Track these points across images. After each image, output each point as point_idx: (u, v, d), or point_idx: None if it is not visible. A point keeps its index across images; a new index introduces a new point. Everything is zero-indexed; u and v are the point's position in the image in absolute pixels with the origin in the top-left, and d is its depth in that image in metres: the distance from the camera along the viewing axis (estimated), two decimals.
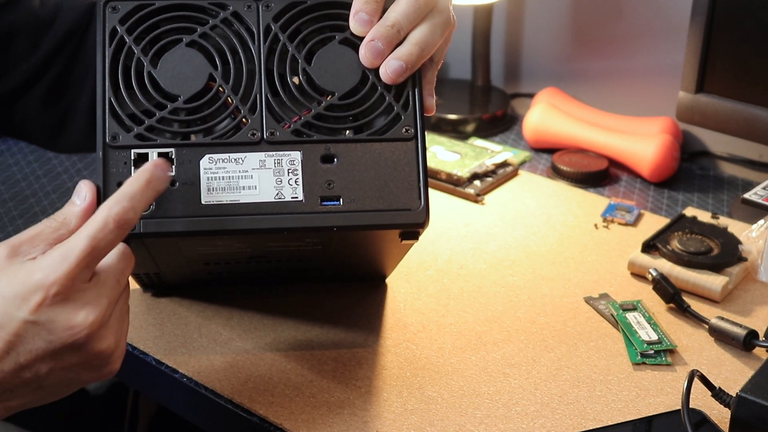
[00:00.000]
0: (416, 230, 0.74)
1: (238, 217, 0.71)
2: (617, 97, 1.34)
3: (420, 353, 0.86)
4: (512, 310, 0.93)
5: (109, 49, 0.73)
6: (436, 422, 0.78)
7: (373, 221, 0.73)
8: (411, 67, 0.73)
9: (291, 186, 0.72)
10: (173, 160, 0.72)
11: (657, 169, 1.18)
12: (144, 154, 0.71)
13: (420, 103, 0.75)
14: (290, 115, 0.74)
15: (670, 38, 1.26)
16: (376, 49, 0.73)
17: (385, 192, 0.73)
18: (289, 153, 0.73)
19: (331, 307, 0.91)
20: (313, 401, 0.80)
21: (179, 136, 0.72)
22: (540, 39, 1.40)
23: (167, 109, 0.72)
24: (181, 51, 0.73)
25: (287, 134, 0.73)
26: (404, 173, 0.74)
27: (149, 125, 0.72)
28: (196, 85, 0.73)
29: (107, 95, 0.72)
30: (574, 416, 0.79)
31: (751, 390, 0.73)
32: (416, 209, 0.73)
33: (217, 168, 0.72)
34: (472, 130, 1.33)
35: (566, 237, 1.05)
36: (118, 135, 0.71)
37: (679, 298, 0.92)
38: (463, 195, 1.13)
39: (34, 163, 1.21)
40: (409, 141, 0.74)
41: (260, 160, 0.72)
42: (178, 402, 0.86)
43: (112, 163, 0.71)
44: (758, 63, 1.09)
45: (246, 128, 0.73)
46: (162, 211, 0.71)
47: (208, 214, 0.71)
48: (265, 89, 0.73)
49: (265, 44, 0.74)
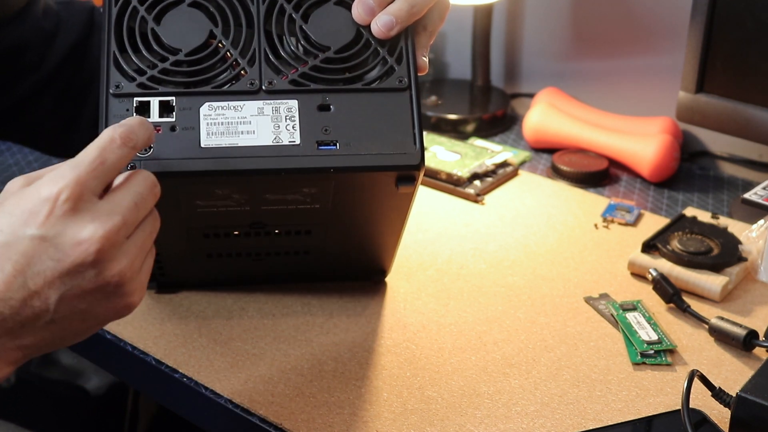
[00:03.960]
0: (412, 173, 0.76)
1: (236, 159, 0.73)
2: (617, 97, 1.34)
3: (420, 353, 0.86)
4: (512, 310, 0.93)
5: (114, 9, 0.75)
6: (436, 422, 0.78)
7: (369, 162, 0.74)
8: (401, 22, 0.76)
9: (288, 131, 0.74)
10: (174, 107, 0.74)
11: (657, 169, 1.18)
12: (146, 102, 0.74)
13: (413, 56, 0.77)
14: (288, 69, 0.76)
15: (670, 38, 1.26)
16: (367, 5, 0.76)
17: (380, 137, 0.75)
18: (286, 101, 0.75)
19: (331, 307, 0.92)
20: (313, 401, 0.80)
21: (181, 86, 0.75)
22: (540, 39, 1.40)
23: (169, 61, 0.75)
24: (184, 10, 0.76)
25: (285, 84, 0.75)
26: (399, 120, 0.75)
27: (151, 75, 0.74)
28: (197, 40, 0.75)
29: (111, 49, 0.74)
30: (574, 416, 0.79)
31: (751, 390, 0.73)
32: (411, 152, 0.75)
33: (216, 114, 0.74)
34: (472, 130, 1.33)
35: (566, 237, 1.05)
36: (120, 84, 0.74)
37: (679, 298, 0.92)
38: (463, 195, 1.13)
39: (35, 163, 1.21)
40: (403, 90, 0.76)
41: (258, 107, 0.75)
42: (178, 402, 0.86)
43: (114, 111, 0.73)
44: (758, 63, 1.09)
45: (245, 78, 0.75)
46: (162, 153, 0.72)
47: (208, 156, 0.73)
48: (264, 45, 0.76)
49: (264, 5, 0.77)
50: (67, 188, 0.61)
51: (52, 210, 0.61)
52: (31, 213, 0.61)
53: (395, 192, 0.77)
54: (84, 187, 0.62)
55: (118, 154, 0.65)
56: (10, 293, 0.60)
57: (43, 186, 0.61)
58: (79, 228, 0.61)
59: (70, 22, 0.94)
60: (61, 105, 0.95)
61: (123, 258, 0.63)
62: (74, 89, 0.95)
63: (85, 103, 0.95)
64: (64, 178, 0.61)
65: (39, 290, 0.61)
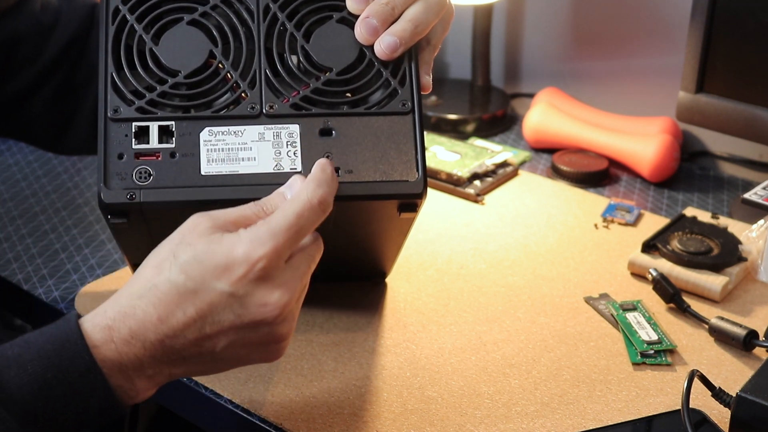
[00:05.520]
0: (414, 201, 0.75)
1: (237, 187, 0.72)
2: (617, 97, 1.34)
3: (420, 353, 0.86)
4: (512, 310, 0.93)
5: (112, 27, 0.74)
6: (436, 422, 0.78)
7: (371, 191, 0.74)
8: (405, 44, 0.75)
9: (290, 158, 0.73)
10: (173, 132, 0.73)
11: (657, 169, 1.18)
12: (145, 127, 0.73)
13: (416, 78, 0.76)
14: (289, 91, 0.75)
15: (670, 38, 1.26)
16: (370, 25, 0.74)
17: (382, 164, 0.74)
18: (287, 126, 0.74)
19: (331, 307, 0.91)
20: (313, 401, 0.80)
21: (180, 109, 0.74)
22: (540, 39, 1.40)
23: (168, 84, 0.73)
24: (182, 29, 0.75)
25: (286, 108, 0.74)
26: (401, 146, 0.75)
27: (150, 99, 0.73)
28: (197, 61, 0.74)
29: (109, 71, 0.73)
30: (574, 416, 0.79)
31: (750, 390, 0.73)
32: (414, 180, 0.74)
33: (216, 140, 0.73)
34: (472, 130, 1.33)
35: (566, 237, 1.05)
36: (119, 108, 0.73)
37: (679, 298, 0.92)
38: (463, 195, 1.13)
39: (35, 163, 1.21)
40: (406, 114, 0.75)
41: (259, 132, 0.74)
42: (178, 402, 0.86)
43: (113, 136, 0.72)
44: (758, 63, 1.09)
45: (245, 102, 0.74)
46: (162, 181, 0.72)
47: (208, 184, 0.72)
48: (265, 66, 0.75)
49: (264, 23, 0.75)
50: (265, 258, 0.63)
51: (246, 274, 0.63)
52: (225, 269, 0.63)
53: (397, 216, 0.77)
54: (279, 258, 0.65)
55: (314, 218, 0.67)
56: (186, 333, 0.64)
57: (240, 245, 0.64)
58: (267, 292, 0.64)
59: (69, 16, 0.94)
60: (59, 100, 0.94)
61: (292, 320, 0.67)
62: (73, 85, 0.94)
63: (83, 99, 0.95)
64: (264, 246, 0.64)
65: (213, 335, 0.64)
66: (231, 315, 0.64)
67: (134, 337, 0.63)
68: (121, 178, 0.72)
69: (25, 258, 1.00)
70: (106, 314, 0.64)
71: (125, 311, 0.64)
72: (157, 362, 0.65)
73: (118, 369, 0.64)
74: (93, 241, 1.03)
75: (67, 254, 1.01)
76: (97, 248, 1.02)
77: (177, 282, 0.63)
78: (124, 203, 0.71)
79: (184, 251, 0.64)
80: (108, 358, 0.63)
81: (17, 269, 0.99)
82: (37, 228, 1.06)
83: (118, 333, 0.63)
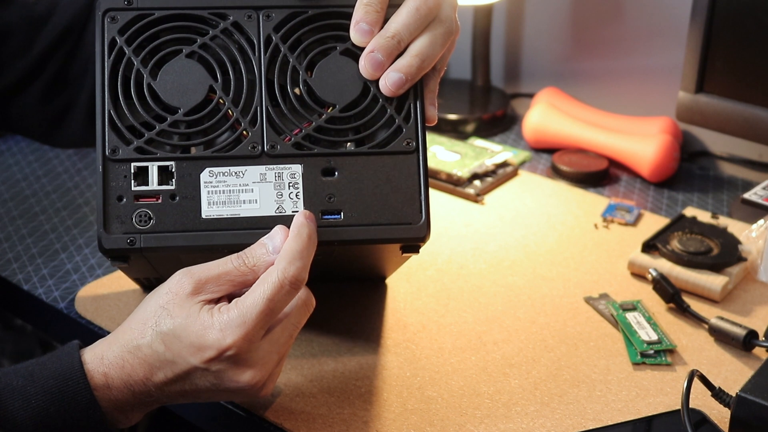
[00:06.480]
0: (417, 244, 0.75)
1: (238, 232, 0.71)
2: (617, 97, 1.34)
3: (420, 353, 0.86)
4: (512, 310, 0.93)
5: (108, 60, 0.72)
6: (436, 422, 0.78)
7: (374, 235, 0.73)
8: (411, 80, 0.73)
9: (292, 200, 0.72)
10: (173, 173, 0.71)
11: (657, 169, 1.18)
12: (144, 167, 0.71)
13: (421, 115, 0.74)
14: (291, 128, 0.73)
15: (670, 38, 1.26)
16: (375, 60, 0.72)
17: (386, 206, 0.73)
18: (289, 166, 0.72)
19: (331, 307, 0.91)
20: (313, 401, 0.80)
21: (179, 149, 0.72)
22: (540, 39, 1.40)
23: (167, 122, 0.72)
24: (181, 62, 0.73)
25: (288, 147, 0.72)
26: (405, 187, 0.73)
27: (149, 138, 0.72)
28: (196, 97, 0.72)
29: (106, 107, 0.72)
30: (574, 416, 0.79)
31: (750, 390, 0.73)
32: (417, 223, 0.73)
33: (217, 181, 0.72)
34: (472, 130, 1.33)
35: (566, 237, 1.05)
36: (117, 148, 0.71)
37: (679, 298, 0.92)
38: (463, 195, 1.13)
39: (35, 163, 1.21)
40: (410, 154, 0.74)
41: (261, 173, 0.72)
42: None
43: (112, 177, 0.71)
44: (758, 63, 1.09)
45: (246, 141, 0.72)
46: (162, 226, 0.71)
47: (208, 228, 0.71)
48: (266, 101, 0.73)
49: (266, 55, 0.73)
50: (234, 346, 0.67)
51: (217, 357, 0.67)
52: (198, 349, 0.67)
53: (399, 254, 0.77)
54: (251, 342, 0.67)
55: (286, 299, 0.68)
56: (170, 387, 0.69)
57: (212, 332, 0.67)
58: (239, 372, 0.68)
59: (64, 8, 0.92)
60: (53, 93, 0.93)
61: (272, 381, 0.72)
62: (67, 77, 0.93)
63: (78, 91, 0.93)
64: (233, 334, 0.66)
65: (191, 391, 0.70)
66: (207, 382, 0.69)
67: (126, 387, 0.69)
68: (121, 221, 0.71)
69: (25, 258, 1.00)
70: (103, 361, 0.69)
71: (118, 363, 0.69)
72: (149, 403, 0.71)
73: (114, 407, 0.70)
74: (93, 241, 1.03)
75: (67, 254, 1.01)
76: (97, 248, 1.02)
77: (157, 351, 0.68)
78: (124, 248, 0.71)
79: (165, 322, 0.68)
80: (105, 398, 0.69)
81: (17, 269, 0.99)
82: (37, 228, 1.06)
83: (113, 381, 0.69)
